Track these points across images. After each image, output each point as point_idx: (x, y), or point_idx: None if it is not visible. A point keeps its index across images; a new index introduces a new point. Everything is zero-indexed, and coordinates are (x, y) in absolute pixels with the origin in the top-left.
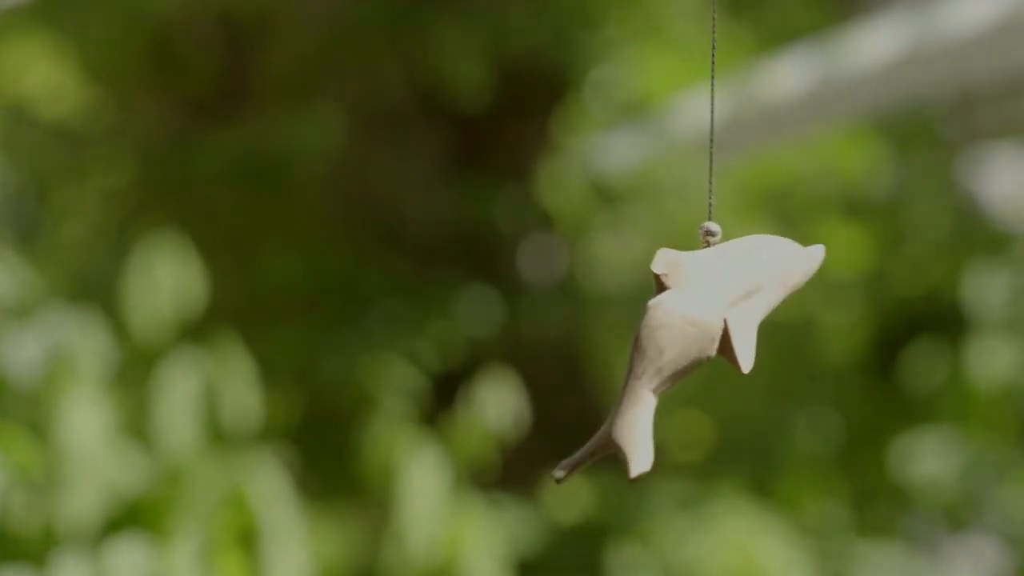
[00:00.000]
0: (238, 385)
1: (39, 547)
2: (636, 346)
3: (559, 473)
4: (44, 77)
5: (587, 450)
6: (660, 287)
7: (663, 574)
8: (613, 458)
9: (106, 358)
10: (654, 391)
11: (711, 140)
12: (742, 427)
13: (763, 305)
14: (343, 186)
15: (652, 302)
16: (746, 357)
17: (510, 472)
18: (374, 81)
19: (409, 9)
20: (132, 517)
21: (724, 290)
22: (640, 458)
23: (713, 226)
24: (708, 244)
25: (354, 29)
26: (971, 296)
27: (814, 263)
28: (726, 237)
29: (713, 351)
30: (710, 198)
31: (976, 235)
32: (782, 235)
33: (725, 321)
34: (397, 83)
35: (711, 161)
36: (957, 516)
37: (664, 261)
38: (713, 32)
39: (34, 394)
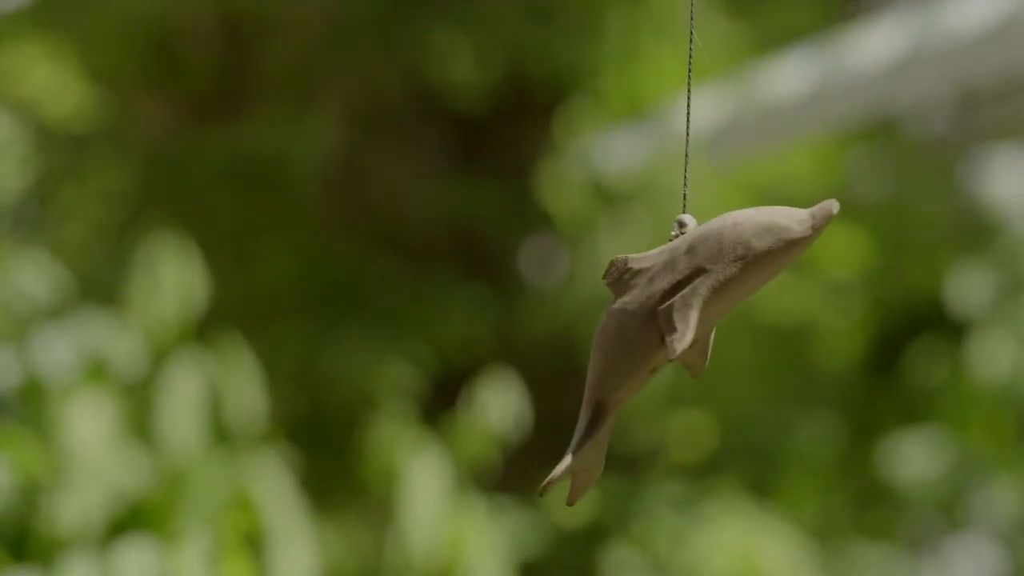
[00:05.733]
0: (242, 386)
1: (45, 548)
2: (591, 358)
3: (540, 492)
4: (44, 78)
5: (560, 470)
6: (615, 295)
7: (663, 575)
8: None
9: (133, 360)
10: (608, 399)
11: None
12: (743, 428)
13: (705, 288)
14: (343, 186)
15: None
16: (676, 343)
17: (510, 473)
18: (374, 81)
19: (408, 10)
20: (137, 518)
21: (660, 285)
22: (577, 489)
23: (687, 218)
24: (675, 237)
25: (353, 29)
26: (960, 295)
27: (803, 224)
28: None
29: (663, 349)
30: (684, 187)
31: (977, 235)
32: None
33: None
34: (397, 83)
35: (686, 151)
36: (955, 516)
37: (613, 271)
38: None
39: (42, 395)
